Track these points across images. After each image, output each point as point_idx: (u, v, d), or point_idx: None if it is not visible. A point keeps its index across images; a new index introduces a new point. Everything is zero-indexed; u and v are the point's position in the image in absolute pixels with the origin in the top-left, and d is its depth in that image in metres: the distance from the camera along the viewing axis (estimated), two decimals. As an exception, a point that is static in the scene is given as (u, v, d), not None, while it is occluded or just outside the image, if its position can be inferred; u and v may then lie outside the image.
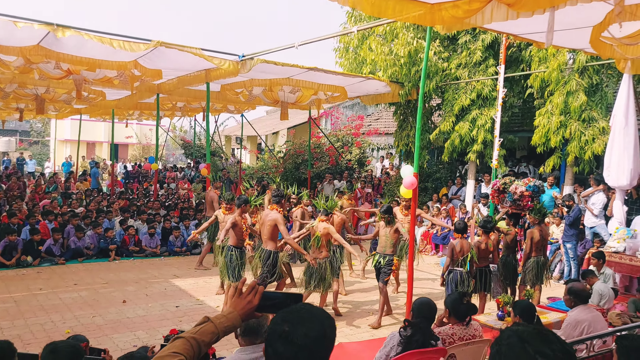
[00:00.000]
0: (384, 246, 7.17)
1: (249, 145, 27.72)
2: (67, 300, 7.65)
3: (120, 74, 10.14)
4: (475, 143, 12.26)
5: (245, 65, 9.58)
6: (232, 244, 7.33)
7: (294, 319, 1.52)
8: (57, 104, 16.05)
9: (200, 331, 1.69)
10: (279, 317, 1.55)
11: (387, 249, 7.15)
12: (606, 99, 10.77)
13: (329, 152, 17.97)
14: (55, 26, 7.63)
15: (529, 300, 5.26)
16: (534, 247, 7.25)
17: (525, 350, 1.27)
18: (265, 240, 7.03)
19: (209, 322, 1.72)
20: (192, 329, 1.71)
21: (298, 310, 1.56)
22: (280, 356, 1.48)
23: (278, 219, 6.86)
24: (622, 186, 8.88)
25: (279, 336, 1.49)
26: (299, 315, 1.54)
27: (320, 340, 1.51)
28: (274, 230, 6.94)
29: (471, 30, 12.16)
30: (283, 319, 1.53)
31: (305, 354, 1.47)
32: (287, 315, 1.54)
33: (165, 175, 20.40)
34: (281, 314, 1.56)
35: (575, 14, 5.41)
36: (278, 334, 1.50)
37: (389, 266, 7.09)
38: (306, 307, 1.59)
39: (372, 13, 5.20)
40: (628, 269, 8.05)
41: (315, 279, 6.87)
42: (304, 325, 1.50)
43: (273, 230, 6.94)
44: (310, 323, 1.51)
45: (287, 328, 1.50)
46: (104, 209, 12.65)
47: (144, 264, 10.51)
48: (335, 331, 1.59)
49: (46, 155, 34.90)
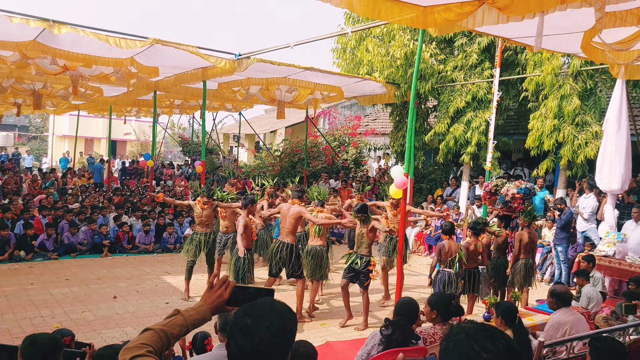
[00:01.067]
0: (360, 246, 6.95)
1: (247, 144, 27.75)
2: (57, 296, 7.68)
3: (117, 70, 10.17)
4: (469, 145, 12.31)
5: (242, 64, 9.63)
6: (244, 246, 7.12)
7: (255, 313, 1.55)
8: (54, 100, 16.08)
9: (169, 323, 1.72)
10: (240, 312, 1.57)
11: (362, 249, 6.92)
12: (600, 104, 10.83)
13: (326, 151, 18.03)
14: (51, 22, 7.66)
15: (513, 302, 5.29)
16: (523, 249, 7.29)
17: (471, 346, 1.31)
18: (287, 234, 7.12)
19: (179, 315, 1.75)
20: (161, 321, 1.73)
21: (260, 305, 1.59)
22: (242, 349, 1.51)
23: (302, 211, 7.08)
24: (614, 190, 8.93)
25: (241, 329, 1.52)
26: (261, 309, 1.57)
27: (281, 333, 1.54)
28: (297, 223, 7.15)
29: (467, 33, 12.22)
30: (245, 312, 1.56)
31: (266, 345, 1.50)
32: (249, 309, 1.57)
33: (162, 172, 20.42)
34: (243, 309, 1.58)
35: (568, 19, 5.45)
36: (240, 327, 1.53)
37: (366, 268, 6.82)
38: (268, 302, 1.62)
39: (365, 14, 5.25)
40: (617, 273, 8.10)
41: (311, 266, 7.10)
42: (266, 319, 1.53)
43: (296, 223, 7.13)
44: (272, 316, 1.55)
45: (249, 321, 1.53)
46: (98, 205, 12.68)
47: (136, 260, 10.54)
48: (296, 325, 1.62)
49: (44, 151, 34.90)
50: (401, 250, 6.98)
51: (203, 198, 8.18)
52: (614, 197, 9.28)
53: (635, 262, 7.87)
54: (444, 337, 1.39)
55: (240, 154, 24.89)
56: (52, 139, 33.40)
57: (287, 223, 7.10)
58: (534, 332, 4.98)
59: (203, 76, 10.76)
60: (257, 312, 1.55)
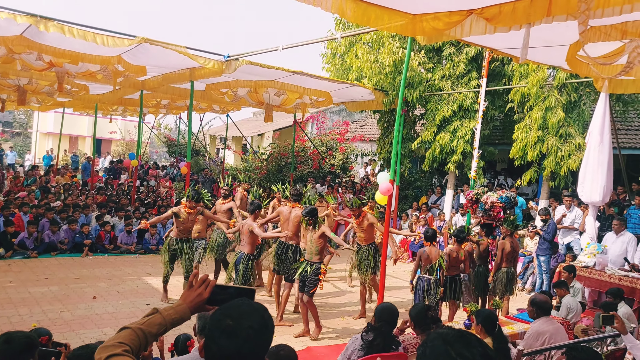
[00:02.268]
0: (310, 253, 6.68)
1: (234, 146, 27.65)
2: (36, 294, 7.56)
3: (104, 68, 10.09)
4: (455, 154, 12.41)
5: (230, 65, 9.59)
6: (248, 252, 7.13)
7: (235, 314, 1.54)
8: (39, 96, 15.88)
9: (147, 322, 1.69)
10: (218, 314, 1.56)
11: (313, 256, 6.64)
12: (583, 116, 10.99)
13: (313, 156, 18.03)
14: (38, 18, 7.58)
15: (494, 310, 5.33)
16: (505, 258, 7.35)
17: (447, 352, 1.32)
18: (291, 237, 7.31)
19: (157, 314, 1.73)
20: (139, 320, 1.71)
21: (238, 306, 1.58)
22: (225, 351, 1.50)
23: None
24: (595, 202, 9.04)
25: (223, 331, 1.51)
26: (240, 309, 1.56)
27: (264, 331, 1.54)
28: (300, 225, 7.24)
29: (456, 43, 12.35)
30: (224, 314, 1.55)
31: (250, 345, 1.50)
32: (227, 310, 1.56)
33: (147, 172, 20.25)
34: (220, 311, 1.57)
35: (554, 32, 5.54)
36: (222, 329, 1.51)
37: (315, 276, 6.51)
38: (244, 302, 1.61)
39: (355, 21, 5.28)
40: (597, 284, 8.20)
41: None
42: (247, 319, 1.53)
43: (299, 225, 7.23)
44: (252, 315, 1.55)
45: (230, 322, 1.52)
46: (80, 204, 12.52)
47: (118, 260, 10.42)
48: (273, 322, 1.63)
49: (27, 147, 34.43)
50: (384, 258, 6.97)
51: (190, 202, 7.74)
52: (595, 209, 9.40)
53: (615, 274, 7.97)
54: (422, 342, 1.40)
55: (227, 156, 24.78)
56: (36, 136, 33.00)
57: (291, 226, 7.27)
58: (514, 340, 5.02)
59: (191, 77, 10.70)
60: (237, 313, 1.55)
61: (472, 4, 4.78)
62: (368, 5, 5.05)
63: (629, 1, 3.85)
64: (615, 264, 8.37)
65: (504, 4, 4.67)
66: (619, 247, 8.53)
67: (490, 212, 7.52)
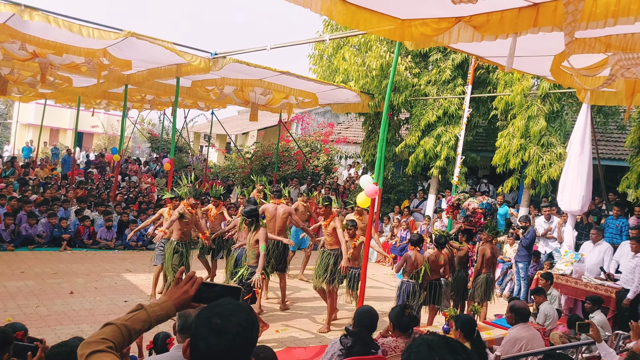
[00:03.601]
0: (248, 256, 6.45)
1: (218, 144, 27.50)
2: (11, 289, 7.42)
3: (88, 61, 9.95)
4: (438, 159, 12.51)
5: (217, 63, 9.55)
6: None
7: (223, 312, 1.55)
8: (21, 86, 15.60)
9: (132, 318, 1.68)
10: (206, 312, 1.56)
11: (250, 259, 6.39)
12: (565, 126, 11.16)
13: (297, 156, 18.03)
14: (22, 7, 7.44)
15: (472, 315, 5.38)
16: (485, 264, 7.42)
17: (432, 358, 1.33)
18: (278, 233, 7.40)
19: (142, 310, 1.71)
20: (124, 316, 1.70)
21: (224, 304, 1.59)
22: (214, 349, 1.50)
23: (291, 210, 7.31)
24: (574, 211, 9.19)
25: (212, 329, 1.51)
26: (226, 307, 1.57)
27: (251, 328, 1.56)
28: (286, 221, 7.37)
29: (442, 49, 12.46)
30: (212, 313, 1.55)
31: (239, 342, 1.51)
32: (214, 309, 1.57)
33: (127, 167, 20.04)
34: (207, 309, 1.57)
35: (540, 42, 5.62)
36: (210, 327, 1.51)
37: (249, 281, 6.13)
38: (229, 301, 1.62)
39: (344, 23, 5.29)
40: (573, 292, 8.32)
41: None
42: (236, 316, 1.54)
43: (285, 221, 7.35)
44: (240, 313, 1.56)
45: (219, 321, 1.52)
46: (59, 198, 12.33)
47: (96, 256, 10.29)
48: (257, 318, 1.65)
49: (6, 138, 33.82)
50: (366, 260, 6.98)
51: (190, 200, 7.28)
52: (574, 218, 9.55)
53: (591, 282, 8.10)
54: (406, 348, 1.41)
55: (211, 154, 24.63)
56: (16, 127, 32.41)
57: (279, 222, 7.41)
58: (491, 346, 5.07)
59: (177, 73, 10.63)
60: (225, 311, 1.55)
61: (461, 11, 4.82)
62: (357, 9, 5.06)
63: (613, 15, 3.93)
64: (592, 272, 8.51)
65: (492, 12, 4.73)
66: (595, 256, 8.67)
67: (471, 218, 7.59)
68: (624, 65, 4.98)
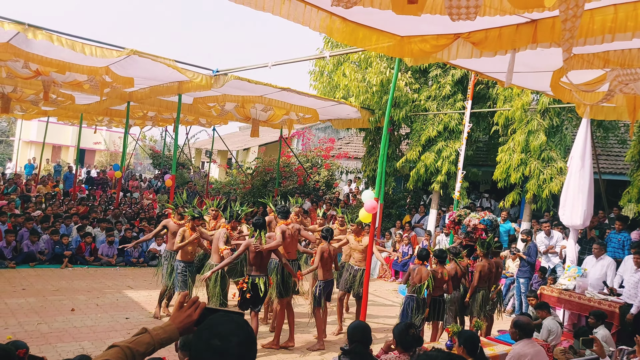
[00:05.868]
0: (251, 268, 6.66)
1: (219, 160, 27.58)
2: (12, 306, 7.40)
3: (91, 79, 10.03)
4: (439, 174, 12.53)
5: (219, 80, 9.63)
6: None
7: (222, 333, 1.54)
8: (23, 104, 15.72)
9: (136, 341, 1.70)
10: (206, 334, 1.56)
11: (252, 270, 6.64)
12: (565, 141, 11.19)
13: (298, 171, 18.07)
14: (26, 26, 7.54)
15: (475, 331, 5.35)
16: (482, 279, 7.38)
17: None
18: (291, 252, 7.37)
19: (146, 333, 1.73)
20: (128, 339, 1.71)
21: (222, 323, 1.58)
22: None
23: (300, 226, 7.26)
24: (576, 226, 9.16)
25: (214, 352, 1.51)
26: (226, 327, 1.57)
27: (251, 345, 1.56)
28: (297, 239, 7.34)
29: (442, 65, 12.55)
30: (211, 334, 1.55)
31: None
32: (213, 329, 1.56)
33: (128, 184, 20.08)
34: (206, 330, 1.57)
35: (538, 58, 5.67)
36: (212, 350, 1.51)
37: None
38: (226, 319, 1.62)
39: (344, 41, 5.35)
40: (576, 307, 8.27)
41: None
42: (235, 335, 1.54)
43: (296, 239, 7.32)
44: (239, 331, 1.56)
45: (218, 342, 1.52)
46: (61, 214, 12.34)
47: (98, 272, 10.26)
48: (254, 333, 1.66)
49: (8, 156, 33.93)
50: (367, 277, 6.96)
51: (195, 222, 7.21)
52: (576, 232, 9.53)
53: (594, 297, 8.06)
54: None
55: (212, 169, 24.69)
56: (18, 144, 32.55)
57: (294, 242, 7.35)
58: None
59: (179, 90, 10.71)
60: (224, 332, 1.55)
61: (459, 28, 4.87)
62: (356, 26, 5.12)
63: (610, 31, 3.98)
64: (595, 287, 8.47)
65: (490, 29, 4.78)
66: (598, 270, 8.64)
67: (472, 234, 7.58)
68: (623, 81, 5.02)
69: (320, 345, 6.88)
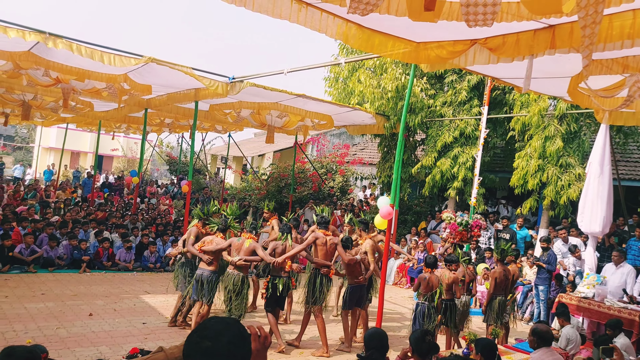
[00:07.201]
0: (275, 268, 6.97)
1: (234, 166, 27.74)
2: (32, 310, 7.51)
3: (110, 86, 10.17)
4: (455, 180, 12.45)
5: (235, 87, 9.69)
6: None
7: (211, 334, 1.57)
8: (43, 112, 16.00)
9: (151, 358, 1.78)
10: (195, 336, 1.58)
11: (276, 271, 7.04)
12: (583, 147, 11.06)
13: (313, 178, 18.09)
14: (47, 35, 7.67)
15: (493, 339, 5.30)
16: (498, 286, 7.30)
17: None
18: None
19: (161, 352, 1.84)
20: (144, 357, 1.79)
21: (211, 325, 1.60)
22: None
23: (338, 241, 7.17)
24: (595, 233, 9.04)
25: (204, 353, 1.53)
26: (215, 328, 1.59)
27: (242, 344, 1.58)
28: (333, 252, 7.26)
29: (458, 70, 12.50)
30: (200, 336, 1.57)
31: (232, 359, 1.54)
32: (202, 332, 1.58)
33: (145, 189, 20.28)
34: (195, 333, 1.59)
35: (556, 64, 5.62)
36: (202, 351, 1.54)
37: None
38: (215, 319, 1.64)
39: (359, 47, 5.36)
40: (596, 315, 8.15)
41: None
42: (224, 335, 1.56)
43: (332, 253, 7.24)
44: (228, 331, 1.58)
45: (209, 343, 1.54)
46: (80, 220, 12.50)
47: (115, 278, 10.37)
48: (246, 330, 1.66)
49: (28, 162, 34.50)
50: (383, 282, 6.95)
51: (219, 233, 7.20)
52: (595, 240, 9.40)
53: (614, 305, 7.93)
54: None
55: (227, 175, 24.84)
56: (38, 151, 33.10)
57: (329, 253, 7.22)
58: (512, 370, 4.98)
59: (195, 97, 10.80)
60: (213, 332, 1.57)
61: (476, 34, 4.85)
62: (372, 32, 5.13)
63: (629, 37, 3.94)
64: (615, 295, 8.33)
65: (508, 35, 4.76)
66: (618, 278, 8.50)
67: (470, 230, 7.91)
68: (642, 86, 4.95)
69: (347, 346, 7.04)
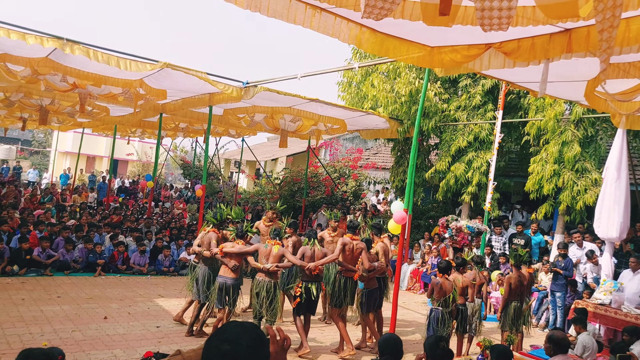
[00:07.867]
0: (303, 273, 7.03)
1: (247, 170, 27.85)
2: (48, 313, 7.59)
3: (125, 91, 10.29)
4: (470, 185, 12.37)
5: (249, 92, 9.75)
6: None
7: (231, 337, 1.58)
8: (60, 116, 16.23)
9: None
10: (214, 340, 1.60)
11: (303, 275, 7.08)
12: (600, 151, 10.92)
13: (326, 182, 18.09)
14: (64, 41, 7.77)
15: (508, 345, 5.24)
16: (513, 292, 7.24)
17: None
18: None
19: (179, 355, 1.85)
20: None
21: (230, 329, 1.62)
22: None
23: (364, 247, 7.17)
24: (612, 238, 8.93)
25: (223, 356, 1.55)
26: (234, 332, 1.60)
27: (261, 347, 1.59)
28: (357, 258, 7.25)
29: (472, 75, 12.44)
30: (220, 340, 1.58)
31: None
32: (222, 335, 1.60)
33: (160, 193, 20.44)
34: (215, 337, 1.61)
35: (572, 68, 5.57)
36: (221, 355, 1.55)
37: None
38: (234, 324, 1.65)
39: (373, 52, 5.36)
40: (613, 322, 8.03)
41: None
42: (243, 338, 1.57)
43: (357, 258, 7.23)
44: (247, 335, 1.59)
45: (228, 346, 1.56)
46: (95, 224, 12.63)
47: (130, 281, 10.45)
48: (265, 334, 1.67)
49: (45, 166, 34.97)
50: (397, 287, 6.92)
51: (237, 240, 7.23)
52: (612, 245, 9.27)
53: (631, 312, 7.81)
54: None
55: (241, 180, 24.95)
56: (54, 155, 33.53)
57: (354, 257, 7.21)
58: (528, 378, 4.92)
59: (210, 101, 10.88)
60: (232, 336, 1.59)
61: (491, 38, 4.83)
62: (386, 37, 5.12)
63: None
64: (632, 302, 8.20)
65: (523, 39, 4.72)
66: (635, 285, 8.36)
67: (456, 237, 7.99)
68: (660, 90, 4.89)
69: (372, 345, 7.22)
